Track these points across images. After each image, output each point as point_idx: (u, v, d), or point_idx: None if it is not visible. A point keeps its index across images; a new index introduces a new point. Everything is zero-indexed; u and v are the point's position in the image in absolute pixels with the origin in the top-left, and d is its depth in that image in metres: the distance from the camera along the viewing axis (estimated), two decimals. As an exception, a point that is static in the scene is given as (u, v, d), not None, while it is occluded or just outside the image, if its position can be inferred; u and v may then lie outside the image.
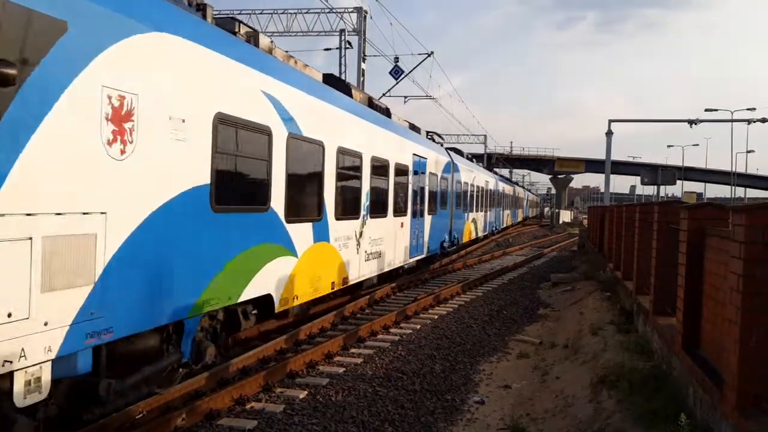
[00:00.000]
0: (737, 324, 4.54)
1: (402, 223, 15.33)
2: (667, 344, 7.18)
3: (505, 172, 76.87)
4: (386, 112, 15.36)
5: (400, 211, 15.02)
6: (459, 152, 27.99)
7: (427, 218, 18.24)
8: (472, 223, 27.76)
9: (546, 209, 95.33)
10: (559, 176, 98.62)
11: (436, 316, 12.96)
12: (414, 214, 16.58)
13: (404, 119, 17.93)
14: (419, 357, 9.73)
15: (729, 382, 4.67)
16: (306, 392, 7.75)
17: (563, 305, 14.83)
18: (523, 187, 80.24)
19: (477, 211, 29.37)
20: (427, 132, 21.47)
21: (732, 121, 46.15)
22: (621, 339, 9.19)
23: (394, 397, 7.79)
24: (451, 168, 22.06)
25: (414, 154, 16.41)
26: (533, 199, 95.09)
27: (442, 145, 23.36)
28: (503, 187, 43.43)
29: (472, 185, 27.58)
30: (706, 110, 45.72)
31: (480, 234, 31.21)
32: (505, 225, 45.49)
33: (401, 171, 15.03)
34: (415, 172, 16.55)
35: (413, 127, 18.54)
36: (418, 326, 11.89)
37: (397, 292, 15.93)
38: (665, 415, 5.64)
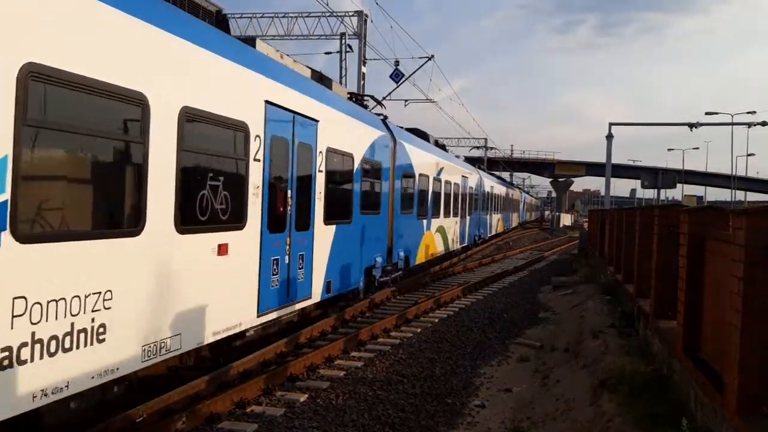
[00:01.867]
0: (738, 327, 4.54)
1: (223, 247, 7.35)
2: (668, 347, 7.18)
3: (505, 175, 76.62)
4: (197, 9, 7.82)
5: (214, 222, 7.16)
6: (422, 134, 19.89)
7: (324, 232, 10.37)
8: (437, 234, 20.11)
9: (546, 213, 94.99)
10: (560, 179, 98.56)
11: (436, 320, 12.96)
12: (276, 226, 8.65)
13: (308, 66, 10.97)
14: (420, 360, 9.72)
15: (730, 386, 4.66)
16: (306, 395, 7.75)
17: (564, 308, 14.82)
18: (519, 188, 73.43)
19: (448, 215, 21.75)
20: (356, 94, 14.66)
21: (732, 124, 46.25)
22: (622, 342, 9.18)
23: (394, 401, 7.79)
24: (391, 150, 14.39)
25: (272, 104, 8.35)
26: (531, 202, 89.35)
27: (385, 120, 15.12)
28: (492, 186, 35.73)
29: (439, 180, 19.89)
30: (707, 114, 45.91)
31: (454, 246, 23.63)
32: (495, 232, 38.47)
33: (221, 135, 7.33)
34: (278, 142, 8.61)
35: (322, 79, 11.36)
36: (419, 329, 11.89)
37: (398, 295, 15.91)
38: (666, 419, 5.64)
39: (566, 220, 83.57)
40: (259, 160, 8.05)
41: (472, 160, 43.48)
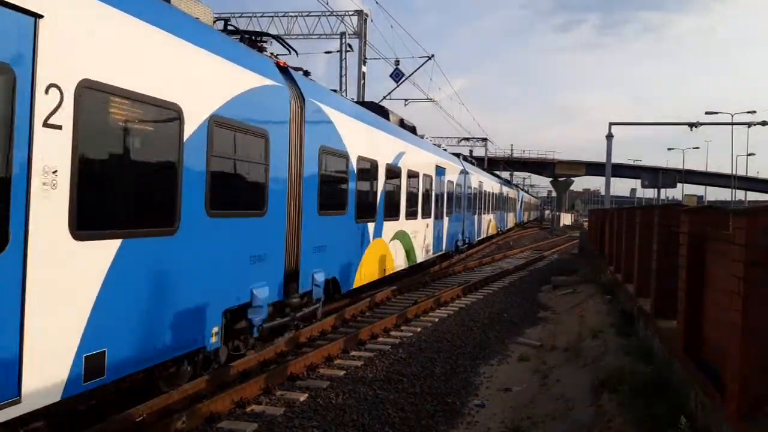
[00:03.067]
0: (738, 327, 4.53)
1: None
2: (668, 347, 7.17)
3: (506, 175, 76.48)
4: None
5: None
6: (376, 108, 15.21)
7: (73, 255, 5.15)
8: (395, 242, 14.74)
9: (546, 212, 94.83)
10: (560, 179, 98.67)
11: (436, 319, 12.96)
12: None
13: None
14: (420, 360, 9.72)
15: (730, 386, 4.66)
16: (306, 395, 7.75)
17: (564, 308, 14.81)
18: (516, 186, 67.47)
19: (414, 216, 16.53)
20: (244, 31, 9.66)
21: (732, 124, 46.21)
22: (622, 342, 9.17)
23: (394, 400, 7.78)
24: (293, 113, 9.17)
25: None
26: (530, 201, 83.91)
27: (287, 68, 9.48)
28: (481, 181, 30.45)
29: (397, 169, 14.58)
30: (707, 113, 45.87)
31: (424, 255, 18.30)
32: (486, 234, 33.76)
33: None
34: None
35: None
36: (419, 329, 11.89)
37: (398, 294, 15.92)
38: (666, 419, 5.63)
39: (566, 219, 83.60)
40: None
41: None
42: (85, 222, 5.22)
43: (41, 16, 4.77)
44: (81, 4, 5.24)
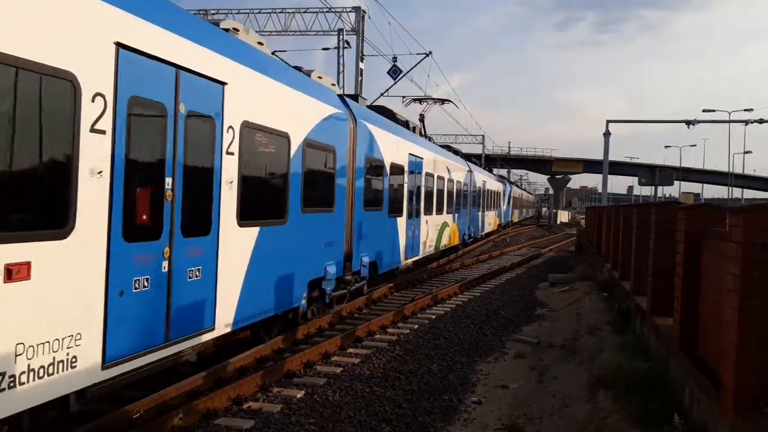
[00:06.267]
0: (734, 325, 4.54)
1: None
2: (665, 345, 7.19)
3: (503, 172, 76.30)
4: None
5: None
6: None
7: None
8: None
9: (543, 210, 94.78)
10: (557, 176, 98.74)
11: (433, 316, 12.97)
12: None
13: None
14: (417, 357, 9.73)
15: (726, 384, 4.67)
16: (303, 392, 7.75)
17: (560, 305, 14.84)
18: (504, 179, 55.12)
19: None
20: None
21: (729, 121, 46.31)
22: (618, 339, 9.20)
23: (391, 397, 7.79)
24: None
25: None
26: (521, 196, 69.96)
27: None
28: (422, 158, 17.89)
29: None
30: (704, 111, 45.89)
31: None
32: (430, 248, 19.71)
33: None
34: None
35: None
36: (416, 326, 11.90)
37: (395, 292, 15.92)
38: (662, 416, 5.65)
39: (563, 217, 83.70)
40: None
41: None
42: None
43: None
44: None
